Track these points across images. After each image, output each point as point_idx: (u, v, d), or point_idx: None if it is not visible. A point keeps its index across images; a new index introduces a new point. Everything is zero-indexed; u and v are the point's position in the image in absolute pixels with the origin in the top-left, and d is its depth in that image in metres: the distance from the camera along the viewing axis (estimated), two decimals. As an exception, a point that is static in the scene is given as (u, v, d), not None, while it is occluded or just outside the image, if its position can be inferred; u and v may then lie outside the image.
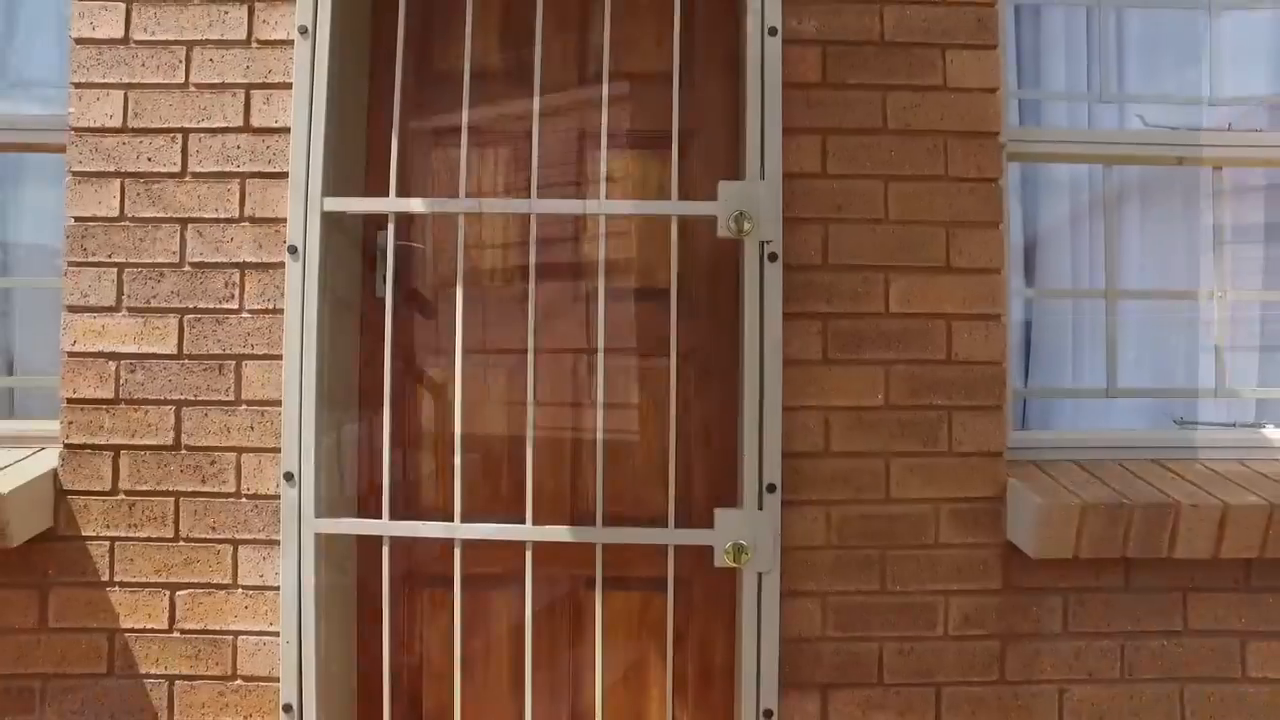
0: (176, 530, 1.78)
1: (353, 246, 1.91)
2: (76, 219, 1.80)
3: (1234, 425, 1.97)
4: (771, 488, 1.70)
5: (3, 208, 2.05)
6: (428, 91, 1.94)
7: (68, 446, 1.78)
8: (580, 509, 1.89)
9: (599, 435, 1.69)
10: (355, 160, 1.91)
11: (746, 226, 1.65)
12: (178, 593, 1.77)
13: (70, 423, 1.78)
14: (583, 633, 1.89)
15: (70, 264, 1.80)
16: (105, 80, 1.81)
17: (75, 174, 1.80)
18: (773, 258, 1.70)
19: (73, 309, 1.79)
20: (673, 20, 1.71)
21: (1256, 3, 2.09)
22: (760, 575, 1.69)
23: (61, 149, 1.87)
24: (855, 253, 1.78)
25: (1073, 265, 2.10)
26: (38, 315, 2.05)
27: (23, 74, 2.05)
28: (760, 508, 1.68)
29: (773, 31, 1.75)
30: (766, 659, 1.71)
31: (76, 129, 1.80)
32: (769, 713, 1.70)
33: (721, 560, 1.64)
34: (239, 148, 1.80)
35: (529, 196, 1.73)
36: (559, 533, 1.71)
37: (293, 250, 1.71)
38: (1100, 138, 2.04)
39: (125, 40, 1.82)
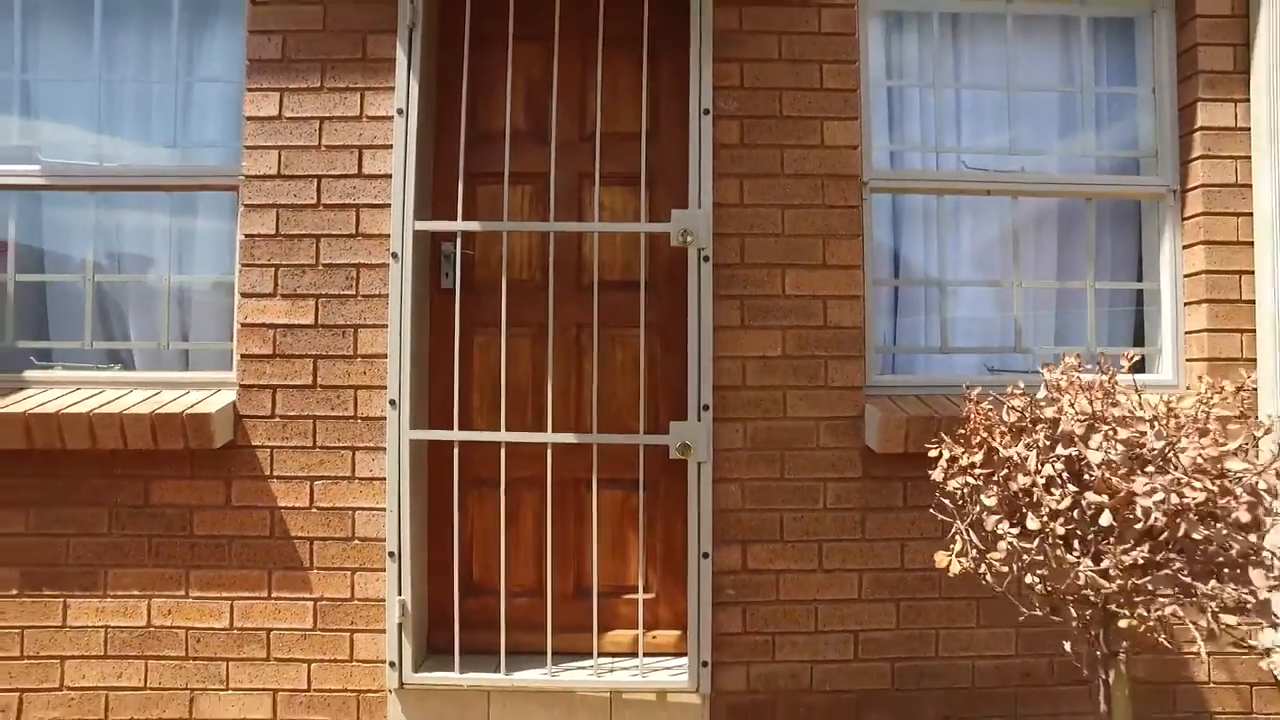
0: (314, 441, 2.68)
1: (425, 253, 2.82)
2: (246, 235, 2.71)
3: (1027, 372, 2.87)
4: (706, 408, 2.62)
5: (189, 225, 2.95)
6: (475, 146, 2.84)
7: (242, 386, 2.69)
8: (583, 428, 2.79)
9: (594, 378, 2.61)
10: (425, 195, 2.81)
11: (689, 239, 2.57)
12: (315, 482, 2.68)
13: (244, 370, 2.69)
14: (583, 514, 2.78)
15: (243, 265, 2.71)
16: (266, 144, 2.73)
17: (246, 205, 2.72)
18: (706, 259, 2.63)
19: (245, 295, 2.71)
20: (642, 100, 2.64)
21: (1047, 88, 3.02)
22: (699, 465, 2.61)
23: (230, 188, 2.80)
24: (762, 255, 2.70)
25: (924, 262, 3.01)
26: (201, 303, 2.96)
27: (202, 138, 2.95)
28: (699, 420, 2.60)
29: (706, 111, 2.68)
30: (704, 521, 2.63)
31: (247, 176, 2.72)
32: (706, 554, 2.61)
33: (674, 454, 2.55)
34: (355, 188, 2.72)
35: (548, 219, 2.66)
36: (568, 438, 2.63)
37: (395, 255, 2.62)
38: (937, 176, 2.96)
39: (279, 117, 2.73)
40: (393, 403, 2.62)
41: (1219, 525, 1.05)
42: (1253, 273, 2.77)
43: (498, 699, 2.61)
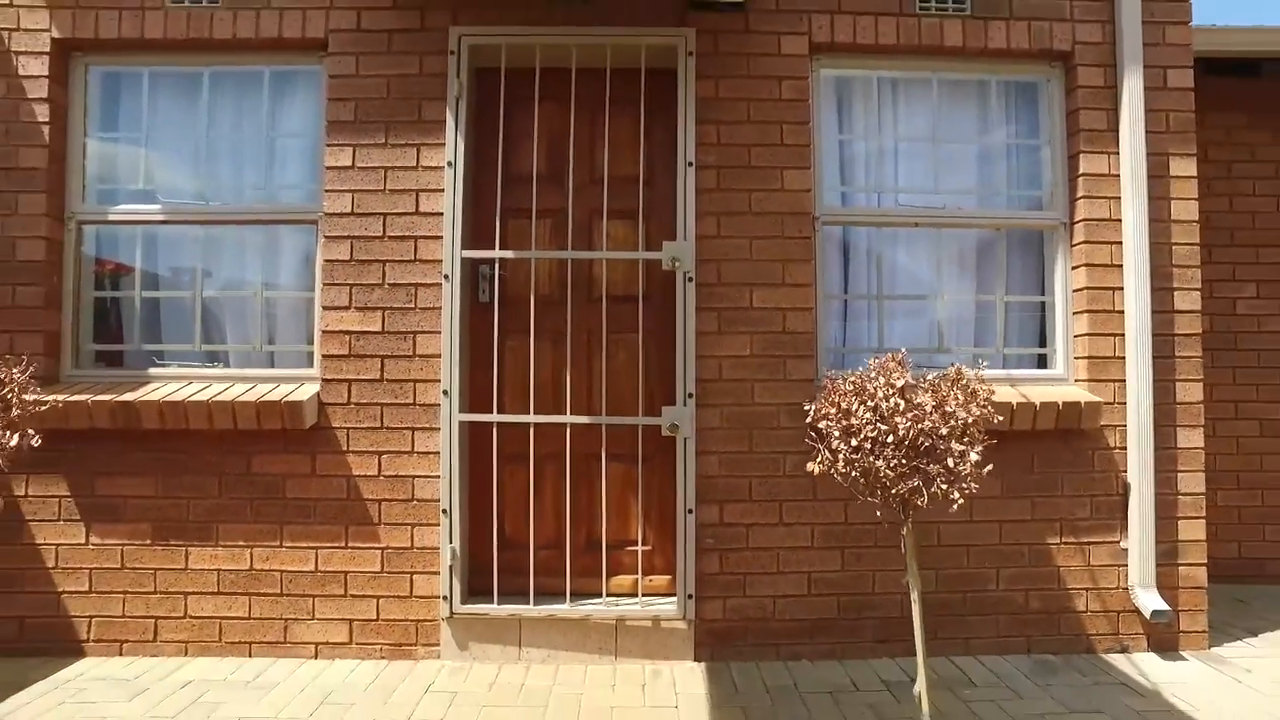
0: (381, 423, 3.40)
1: (468, 274, 3.54)
2: (327, 260, 3.44)
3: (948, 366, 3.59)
4: (691, 395, 3.34)
5: (276, 252, 3.67)
6: (507, 188, 3.55)
7: (324, 380, 3.41)
8: (593, 411, 3.51)
9: (603, 372, 3.34)
10: (468, 228, 3.53)
11: (677, 264, 3.30)
12: (382, 455, 3.39)
13: (326, 367, 3.41)
14: (594, 481, 3.49)
15: (324, 284, 3.43)
16: (342, 188, 3.45)
17: (327, 237, 3.44)
18: (690, 280, 3.36)
19: (326, 308, 3.43)
20: (640, 152, 3.37)
21: (966, 139, 3.75)
22: (685, 440, 3.33)
23: (308, 222, 3.52)
24: (734, 276, 3.43)
25: (867, 279, 3.73)
26: (284, 313, 3.67)
27: (284, 181, 3.67)
28: (685, 405, 3.32)
29: (690, 163, 3.41)
30: (689, 485, 3.35)
31: (327, 214, 3.45)
32: (691, 511, 3.33)
33: (665, 432, 3.28)
34: (413, 223, 3.44)
35: (566, 248, 3.39)
36: (582, 419, 3.35)
37: (446, 277, 3.35)
38: (877, 213, 3.69)
39: (352, 167, 3.46)
40: (445, 392, 3.34)
41: (938, 439, 1.68)
42: (1122, 289, 3.50)
43: (527, 625, 3.33)
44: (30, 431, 2.65)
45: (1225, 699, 2.96)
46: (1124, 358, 3.49)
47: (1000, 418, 1.98)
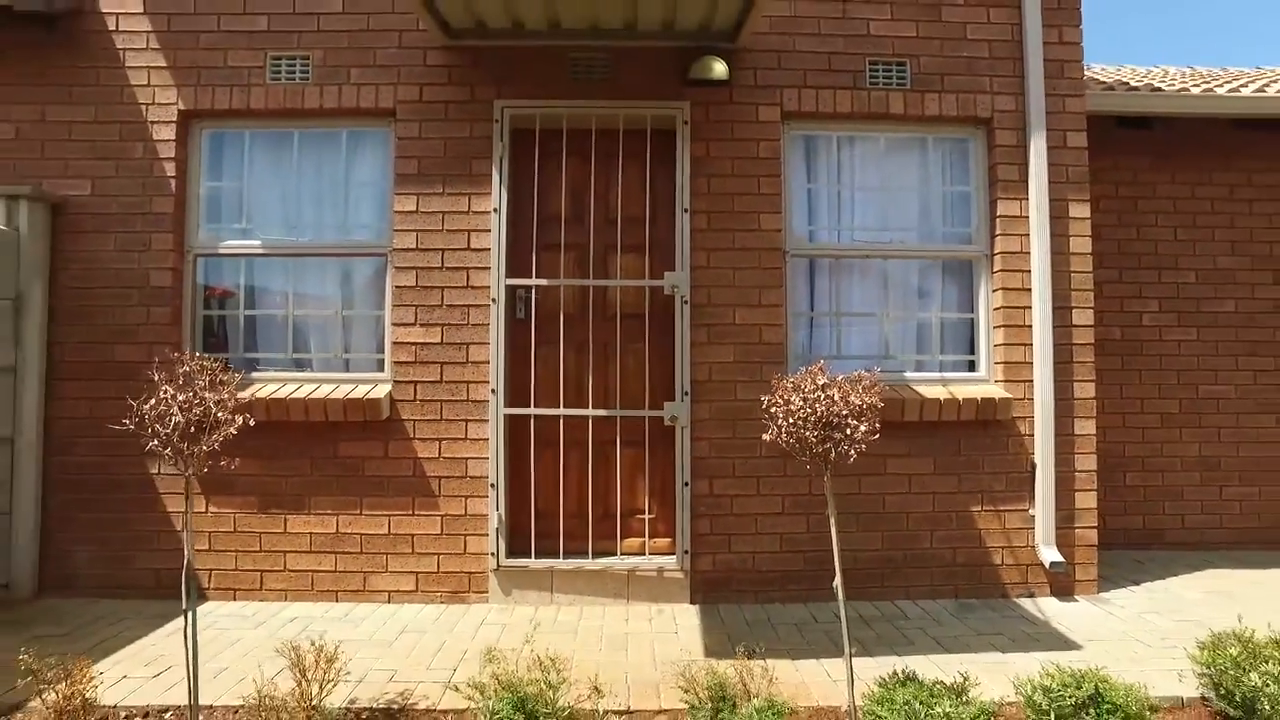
0: (441, 416, 4.28)
1: (510, 297, 4.41)
2: (396, 287, 4.31)
3: (893, 370, 4.48)
4: (686, 393, 4.23)
5: (351, 278, 4.54)
6: (539, 226, 4.42)
7: (395, 381, 4.28)
8: (609, 406, 4.37)
9: (618, 375, 4.23)
10: (508, 259, 4.40)
11: (676, 290, 4.19)
12: (442, 442, 4.27)
13: (396, 372, 4.29)
14: (609, 463, 4.36)
15: (394, 305, 4.31)
16: (408, 229, 4.33)
17: (396, 268, 4.32)
18: (686, 302, 4.24)
19: (395, 324, 4.30)
20: (646, 198, 4.26)
21: (910, 186, 4.64)
22: (682, 429, 4.21)
23: (378, 254, 4.40)
24: (723, 300, 4.31)
25: (829, 299, 4.62)
26: (358, 327, 4.54)
27: (358, 221, 4.54)
28: (682, 401, 4.21)
29: (686, 209, 4.30)
30: (685, 464, 4.23)
31: (395, 249, 4.33)
32: (687, 484, 4.22)
33: (667, 422, 4.16)
34: (465, 257, 4.32)
35: (587, 276, 4.28)
36: (601, 413, 4.23)
37: (493, 300, 4.23)
38: (835, 247, 4.58)
39: (416, 211, 4.34)
40: (493, 391, 4.22)
41: (842, 418, 2.51)
42: (1030, 308, 4.39)
43: (558, 576, 4.21)
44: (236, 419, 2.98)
45: (1095, 625, 3.86)
46: (1032, 363, 4.38)
47: (882, 404, 2.81)
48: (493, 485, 4.22)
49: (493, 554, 4.20)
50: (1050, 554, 4.25)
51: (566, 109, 4.35)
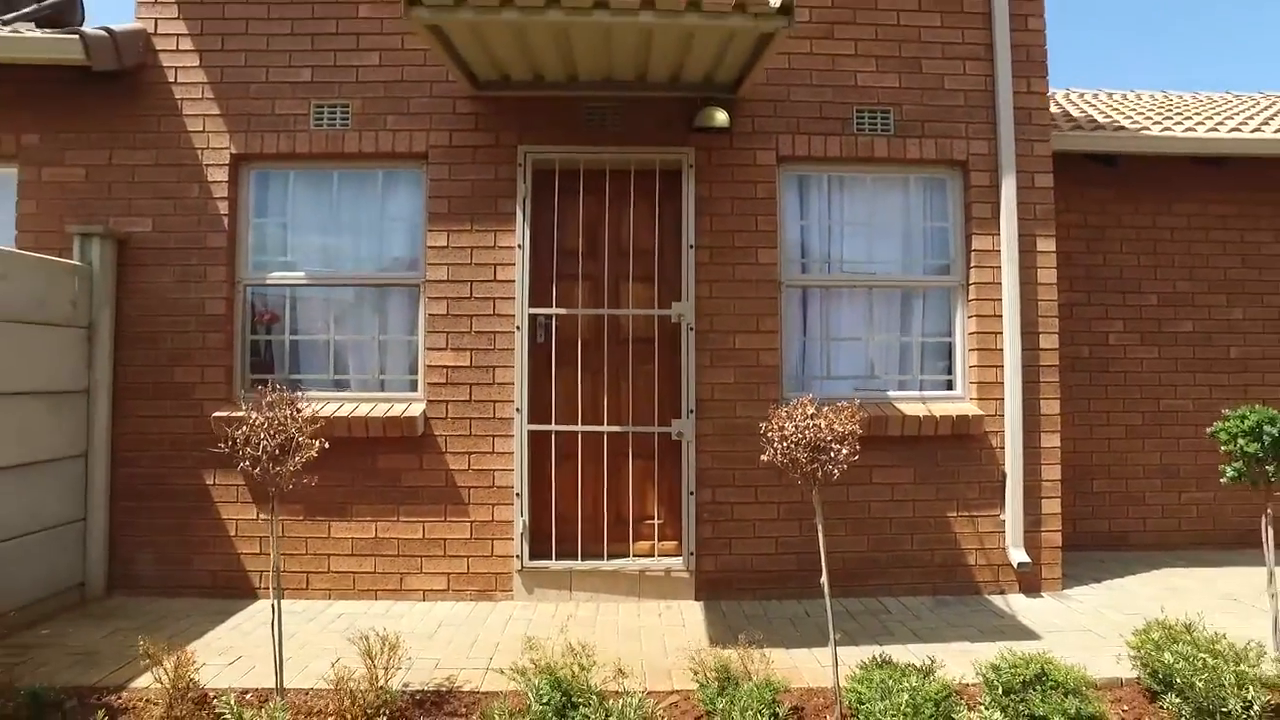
0: (470, 432, 4.74)
1: (532, 324, 4.87)
2: (429, 315, 4.77)
3: (877, 390, 4.96)
4: (692, 411, 4.70)
5: (386, 306, 5.00)
6: (558, 259, 4.88)
7: (429, 401, 4.74)
8: (622, 423, 4.84)
9: (630, 394, 4.70)
10: (531, 290, 4.87)
11: (682, 318, 4.66)
12: (471, 455, 4.73)
13: (429, 392, 4.75)
14: (622, 474, 4.83)
15: (427, 332, 4.77)
16: (440, 262, 4.79)
17: (429, 298, 4.78)
18: (691, 329, 4.72)
19: (429, 349, 4.76)
20: (655, 232, 4.74)
21: (894, 221, 5.11)
22: (688, 443, 4.68)
23: (411, 285, 4.86)
24: (724, 326, 4.78)
25: (820, 324, 5.09)
26: (394, 351, 5.00)
27: (392, 254, 5.00)
28: (687, 418, 4.68)
29: (691, 245, 4.77)
30: (691, 475, 4.70)
31: (428, 280, 4.79)
32: (692, 493, 4.69)
33: (674, 437, 4.63)
34: (492, 288, 4.78)
35: (602, 305, 4.75)
36: (615, 429, 4.70)
37: (518, 328, 4.70)
38: (826, 278, 5.06)
39: (447, 246, 4.80)
40: (517, 409, 4.69)
41: (827, 442, 2.97)
42: (1001, 333, 4.87)
43: (576, 575, 4.67)
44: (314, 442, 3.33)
45: (1055, 618, 4.34)
46: (1003, 383, 4.86)
47: (861, 431, 3.27)
48: (517, 494, 4.68)
49: (517, 556, 4.66)
50: (1018, 555, 4.73)
51: (583, 154, 4.81)
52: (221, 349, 4.77)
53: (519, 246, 4.76)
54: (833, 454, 3.03)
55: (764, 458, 3.31)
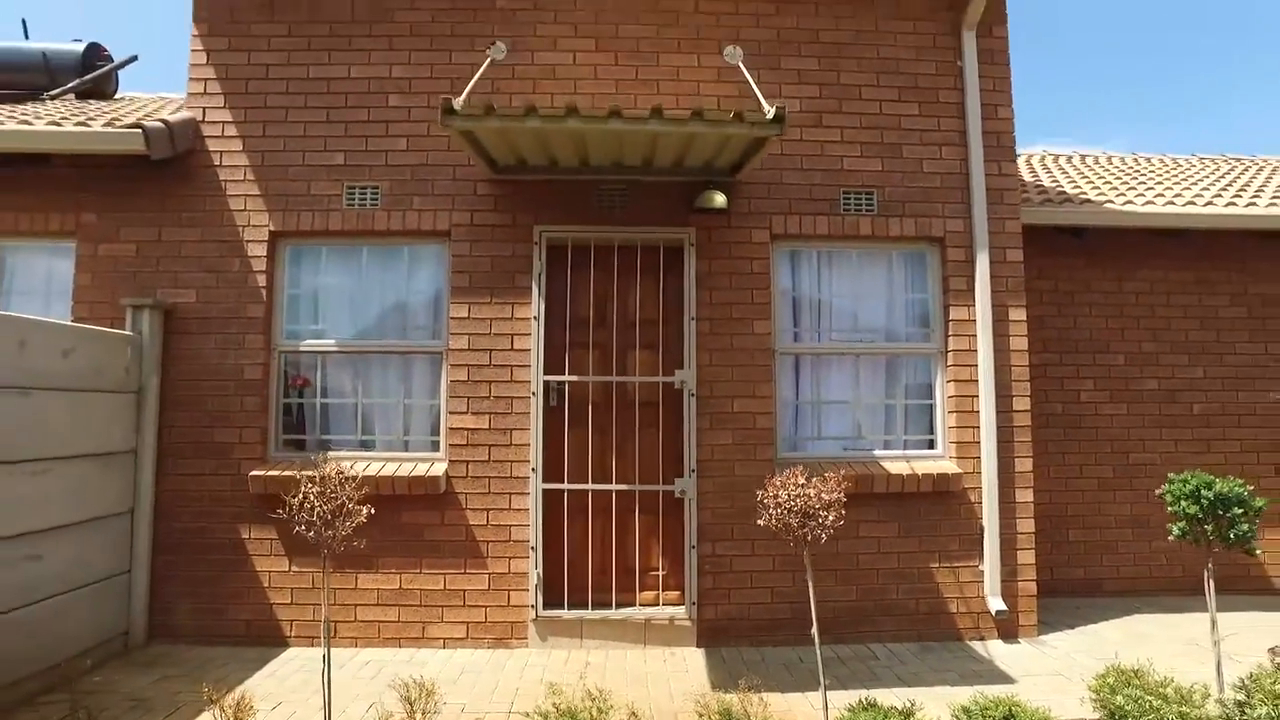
0: (489, 490, 5.12)
1: (546, 389, 5.27)
2: (451, 380, 5.18)
3: (864, 449, 5.36)
4: (693, 470, 5.10)
5: (411, 372, 5.40)
6: (570, 327, 5.30)
7: (450, 461, 5.13)
8: (629, 481, 5.22)
9: (636, 455, 5.10)
10: (545, 358, 5.28)
11: (684, 384, 5.08)
12: (489, 511, 5.10)
13: (450, 452, 5.13)
14: (629, 528, 5.20)
15: (449, 396, 5.17)
16: (461, 332, 5.21)
17: (451, 365, 5.19)
18: (693, 395, 5.13)
19: (450, 412, 5.16)
20: (659, 304, 5.17)
21: (878, 292, 5.57)
22: (690, 500, 5.07)
23: (436, 353, 5.27)
24: (722, 392, 5.20)
25: (812, 388, 5.51)
26: (417, 414, 5.39)
27: (416, 324, 5.42)
28: (689, 477, 5.07)
29: (693, 318, 5.21)
30: (693, 530, 5.08)
31: (450, 349, 5.20)
32: (693, 547, 5.06)
33: (677, 495, 5.02)
34: (509, 356, 5.19)
35: (610, 373, 5.17)
36: (622, 487, 5.09)
37: (533, 393, 5.10)
38: (815, 346, 5.49)
39: (468, 318, 5.22)
40: (533, 470, 5.07)
41: (815, 509, 3.37)
42: (978, 396, 5.30)
43: (587, 624, 5.02)
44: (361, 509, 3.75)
45: (1030, 662, 4.71)
46: (979, 442, 5.28)
47: (844, 497, 3.71)
48: (532, 548, 5.04)
49: (532, 606, 5.01)
50: (996, 603, 5.11)
51: (593, 233, 5.27)
52: (258, 411, 5.16)
53: (534, 318, 5.19)
54: (820, 519, 3.43)
55: (760, 522, 3.70)
